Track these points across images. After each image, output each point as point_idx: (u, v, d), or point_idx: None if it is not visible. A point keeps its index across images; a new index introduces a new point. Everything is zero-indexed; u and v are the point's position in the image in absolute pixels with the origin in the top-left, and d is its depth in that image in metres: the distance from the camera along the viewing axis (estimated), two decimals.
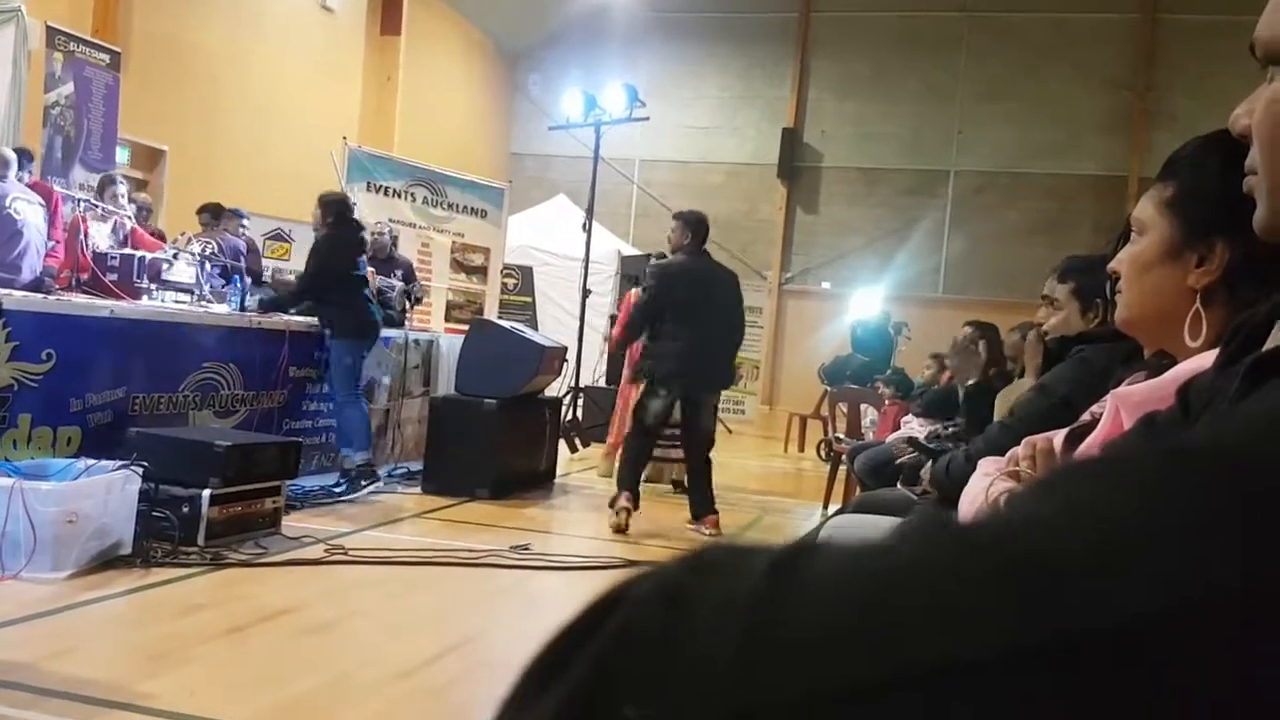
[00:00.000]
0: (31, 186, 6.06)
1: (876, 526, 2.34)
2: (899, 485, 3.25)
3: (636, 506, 5.77)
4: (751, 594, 0.29)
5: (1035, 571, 0.27)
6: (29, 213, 5.54)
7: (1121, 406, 1.18)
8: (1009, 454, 1.40)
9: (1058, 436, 1.35)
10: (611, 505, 5.78)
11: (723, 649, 0.28)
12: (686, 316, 5.74)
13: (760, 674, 0.27)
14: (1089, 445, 1.24)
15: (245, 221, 8.71)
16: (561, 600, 4.37)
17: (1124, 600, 0.26)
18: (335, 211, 6.12)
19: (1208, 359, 0.96)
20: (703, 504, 5.91)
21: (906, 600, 0.28)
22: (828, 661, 0.27)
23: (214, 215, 8.41)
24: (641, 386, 6.06)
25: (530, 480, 6.85)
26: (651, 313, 5.91)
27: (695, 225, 6.09)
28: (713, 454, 6.14)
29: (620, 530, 5.65)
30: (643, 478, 6.18)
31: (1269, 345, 0.73)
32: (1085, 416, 1.41)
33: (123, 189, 6.75)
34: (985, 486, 1.33)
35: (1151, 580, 0.27)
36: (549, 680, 0.30)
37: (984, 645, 0.26)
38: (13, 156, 5.67)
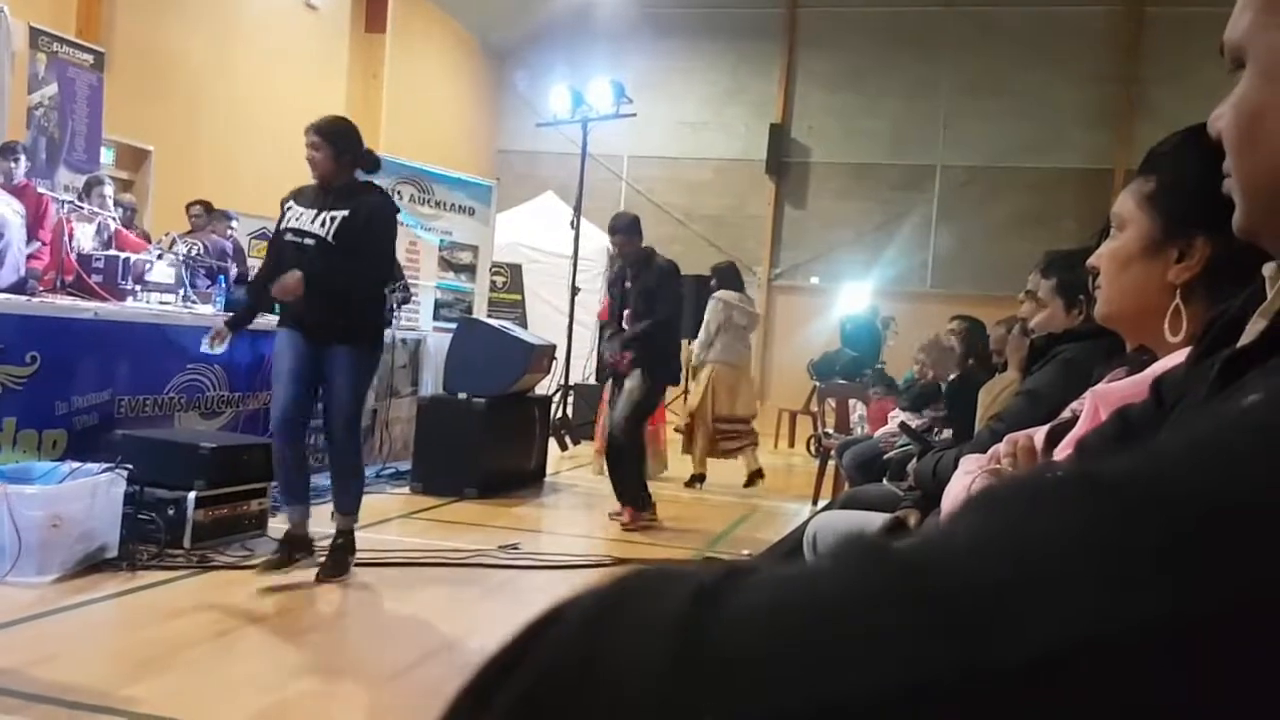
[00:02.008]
0: (22, 189, 6.02)
1: (860, 522, 2.35)
2: (885, 481, 3.26)
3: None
4: (675, 622, 0.28)
5: (950, 604, 0.27)
6: (8, 213, 5.50)
7: (1100, 404, 1.17)
8: (990, 451, 1.40)
9: (1038, 434, 1.35)
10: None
11: (643, 678, 0.27)
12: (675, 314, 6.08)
13: (679, 704, 0.27)
14: (1069, 442, 1.24)
15: (234, 223, 8.69)
16: (551, 599, 4.36)
17: (1035, 634, 0.26)
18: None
19: (1186, 355, 0.96)
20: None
21: (827, 631, 0.27)
22: (747, 692, 0.27)
23: (206, 210, 8.41)
24: (643, 383, 5.99)
25: (520, 479, 6.85)
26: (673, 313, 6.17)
27: (640, 226, 6.20)
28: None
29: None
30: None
31: (1244, 340, 0.73)
32: (1065, 413, 1.41)
33: (109, 190, 6.72)
34: (967, 484, 1.33)
35: (1062, 615, 0.26)
36: (476, 712, 0.30)
37: (899, 678, 0.26)
38: None
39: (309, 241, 4.17)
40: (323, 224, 4.17)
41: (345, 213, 4.15)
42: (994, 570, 0.28)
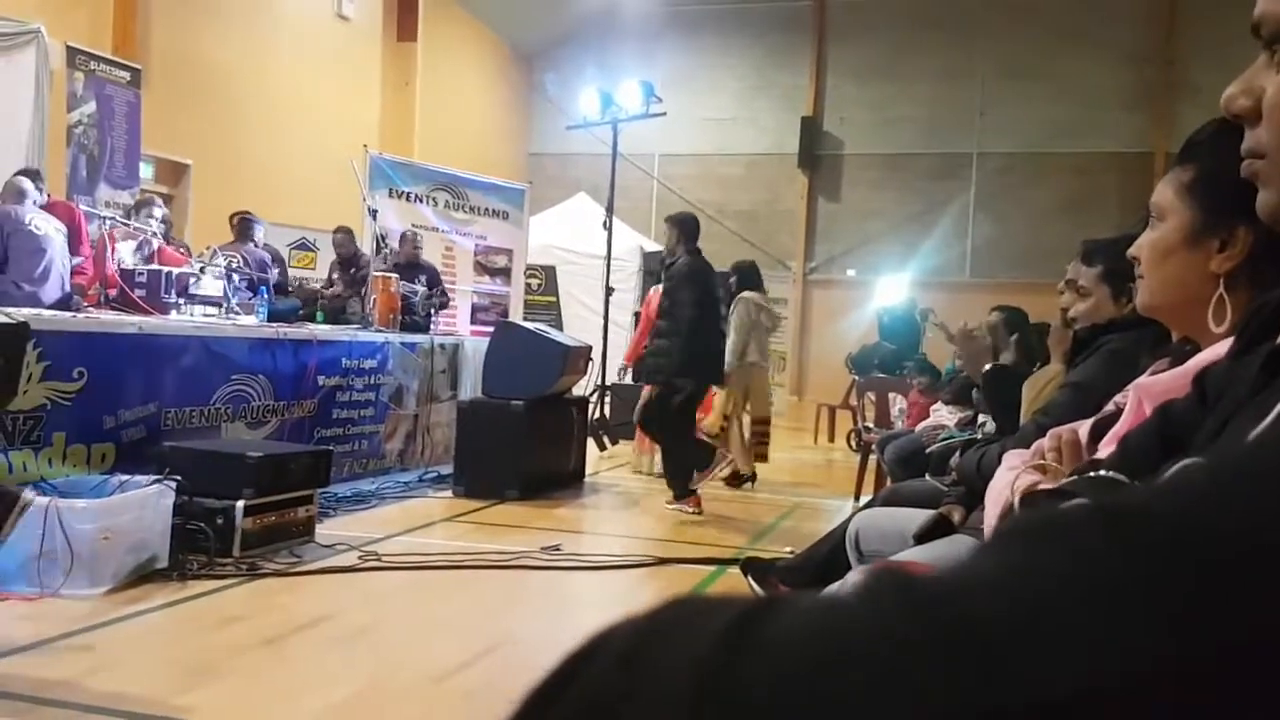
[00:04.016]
0: (51, 205, 6.12)
1: (903, 520, 2.33)
2: (928, 476, 3.24)
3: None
4: (704, 662, 0.29)
5: (968, 642, 0.27)
6: (49, 229, 5.61)
7: (1144, 397, 1.16)
8: (1034, 446, 1.38)
9: (1083, 428, 1.34)
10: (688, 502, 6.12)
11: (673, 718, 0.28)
12: (696, 315, 6.10)
13: None
14: (1113, 437, 1.23)
15: (259, 227, 8.75)
16: (594, 600, 4.38)
17: (1052, 676, 0.26)
18: None
19: (1228, 347, 0.95)
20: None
21: (855, 672, 0.27)
22: None
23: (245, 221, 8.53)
24: (656, 386, 6.30)
25: (560, 480, 6.87)
26: (689, 314, 6.17)
27: (683, 225, 6.27)
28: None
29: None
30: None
31: None
32: (1109, 406, 1.39)
33: (159, 211, 6.83)
34: (1010, 480, 1.31)
35: (1079, 655, 0.26)
36: None
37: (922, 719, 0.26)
38: (29, 185, 5.74)
39: None
40: None
41: None
42: (1012, 609, 0.28)
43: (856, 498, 6.80)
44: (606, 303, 9.19)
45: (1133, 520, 0.29)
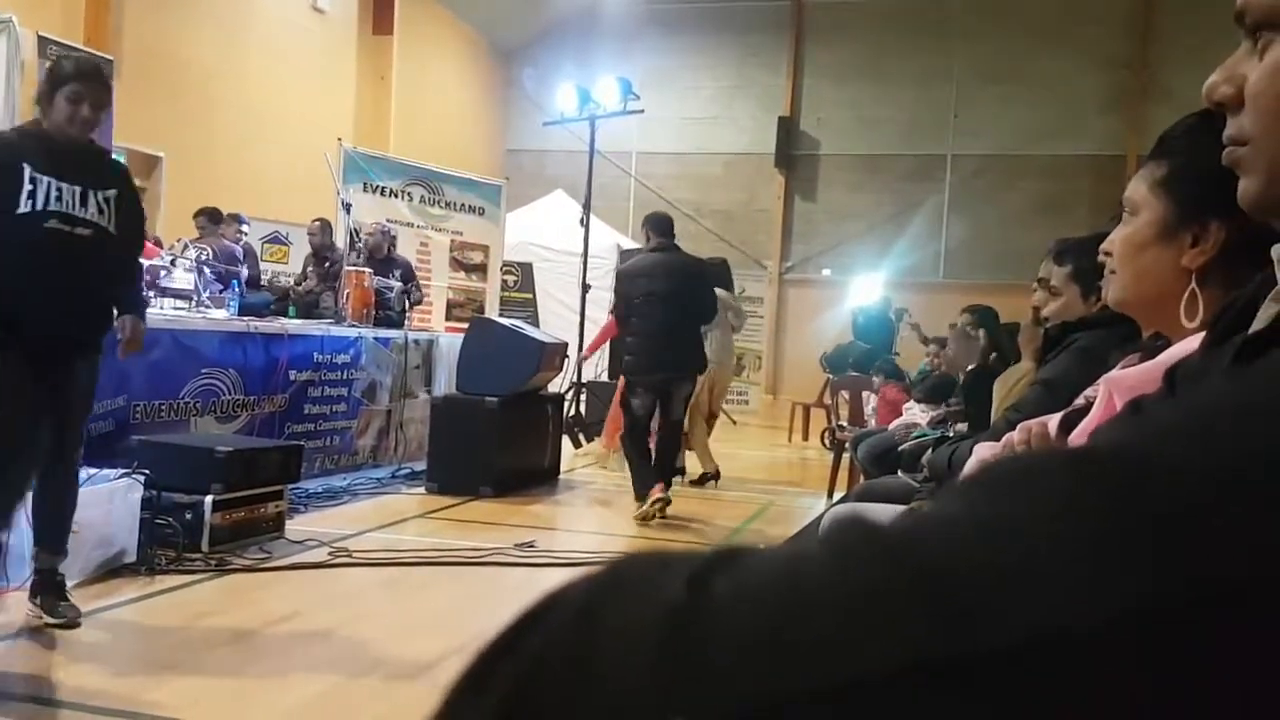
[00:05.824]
0: None
1: (875, 515, 2.33)
2: (900, 473, 3.25)
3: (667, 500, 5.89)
4: (667, 611, 0.28)
5: (937, 587, 0.27)
6: None
7: (1115, 391, 1.17)
8: (1004, 439, 1.39)
9: (1052, 421, 1.34)
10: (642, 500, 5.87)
11: (636, 670, 0.27)
12: (644, 311, 5.99)
13: (673, 695, 0.26)
14: (1083, 430, 1.23)
15: (245, 227, 8.69)
16: None
17: (1019, 620, 0.26)
18: None
19: (1199, 341, 0.95)
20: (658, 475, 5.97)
21: (818, 616, 0.27)
22: (740, 681, 0.26)
23: (211, 219, 8.41)
24: (622, 383, 6.28)
25: (534, 477, 6.85)
26: (621, 313, 6.20)
27: (652, 224, 6.31)
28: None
29: (648, 519, 5.79)
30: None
31: (1256, 325, 0.72)
32: (1079, 400, 1.40)
33: None
34: None
35: (1039, 603, 0.26)
36: (472, 696, 0.30)
37: (886, 662, 0.25)
38: None
39: (84, 231, 3.23)
40: (98, 207, 3.25)
41: (114, 191, 3.30)
42: (979, 554, 0.27)
43: (830, 495, 6.82)
44: (583, 300, 9.17)
45: (1100, 461, 0.29)
